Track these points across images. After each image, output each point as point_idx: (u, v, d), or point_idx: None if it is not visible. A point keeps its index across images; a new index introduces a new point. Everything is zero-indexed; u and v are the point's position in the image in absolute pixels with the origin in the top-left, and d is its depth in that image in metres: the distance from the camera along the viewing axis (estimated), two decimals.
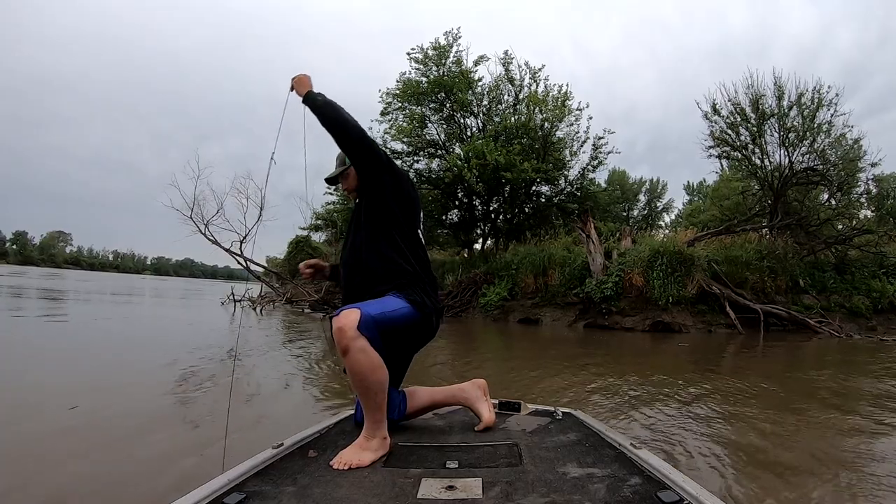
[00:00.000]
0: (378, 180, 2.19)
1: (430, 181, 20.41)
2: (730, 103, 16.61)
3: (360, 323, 1.82)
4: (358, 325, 1.81)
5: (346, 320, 1.82)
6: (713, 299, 13.05)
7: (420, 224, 2.32)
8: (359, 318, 1.83)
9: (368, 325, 1.84)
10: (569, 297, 14.50)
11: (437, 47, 19.47)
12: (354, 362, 1.83)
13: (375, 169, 2.17)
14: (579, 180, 20.16)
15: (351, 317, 1.83)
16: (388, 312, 1.94)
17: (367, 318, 1.84)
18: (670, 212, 42.43)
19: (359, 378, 1.86)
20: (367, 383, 1.86)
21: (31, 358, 6.23)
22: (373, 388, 1.87)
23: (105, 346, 7.71)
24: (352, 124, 2.11)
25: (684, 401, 4.79)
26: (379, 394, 1.89)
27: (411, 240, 2.22)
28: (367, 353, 1.83)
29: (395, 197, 2.19)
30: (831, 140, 15.72)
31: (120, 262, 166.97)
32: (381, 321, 1.89)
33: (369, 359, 1.84)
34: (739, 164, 18.22)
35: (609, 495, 1.43)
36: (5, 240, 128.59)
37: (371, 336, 1.84)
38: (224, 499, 1.41)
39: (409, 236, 2.21)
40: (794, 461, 3.11)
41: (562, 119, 19.27)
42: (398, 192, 2.20)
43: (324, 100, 2.13)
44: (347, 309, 1.87)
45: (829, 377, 6.48)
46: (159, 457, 2.97)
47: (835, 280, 14.43)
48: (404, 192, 2.22)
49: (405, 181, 2.26)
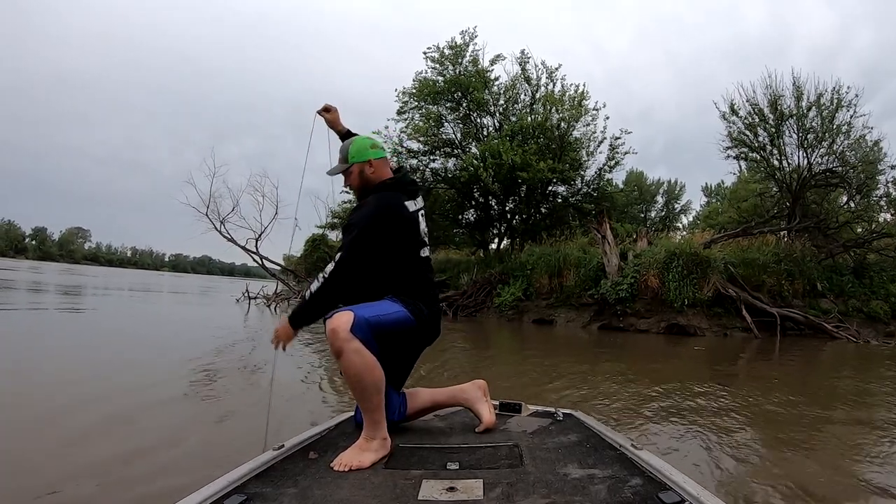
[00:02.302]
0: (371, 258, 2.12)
1: (447, 180, 20.51)
2: (748, 104, 16.46)
3: (354, 325, 1.83)
4: (351, 328, 1.83)
5: (338, 322, 1.84)
6: (729, 302, 13.01)
7: (423, 237, 2.28)
8: (352, 320, 1.84)
9: (362, 327, 1.85)
10: (583, 298, 14.51)
11: (454, 46, 19.50)
12: (349, 364, 1.84)
13: (363, 261, 2.09)
14: (596, 181, 20.08)
15: (344, 318, 1.85)
16: (381, 315, 1.96)
17: (361, 320, 1.86)
18: (688, 213, 42.05)
19: (354, 379, 1.88)
20: (363, 384, 1.87)
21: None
22: (369, 389, 1.88)
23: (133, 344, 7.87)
24: (331, 287, 2.05)
25: (700, 409, 4.78)
26: (375, 395, 1.90)
27: (411, 257, 2.22)
28: (361, 355, 1.84)
29: (380, 246, 2.11)
30: (850, 141, 15.56)
31: (138, 258, 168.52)
32: (374, 324, 1.90)
33: (364, 360, 1.85)
34: (757, 166, 18.08)
35: (610, 496, 1.43)
36: (25, 236, 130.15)
37: (364, 338, 1.85)
38: (225, 501, 1.42)
39: (408, 255, 2.21)
40: (810, 476, 3.08)
41: (578, 119, 19.22)
42: (382, 242, 2.11)
43: (303, 308, 2.10)
44: (340, 311, 1.89)
45: (848, 385, 6.44)
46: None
47: (853, 284, 14.29)
48: (389, 236, 2.13)
49: (387, 227, 2.13)
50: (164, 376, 5.28)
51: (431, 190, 20.61)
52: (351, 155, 2.29)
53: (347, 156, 2.30)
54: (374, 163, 2.28)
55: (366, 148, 2.29)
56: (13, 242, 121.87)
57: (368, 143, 2.33)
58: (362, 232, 2.07)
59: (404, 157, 20.56)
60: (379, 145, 2.36)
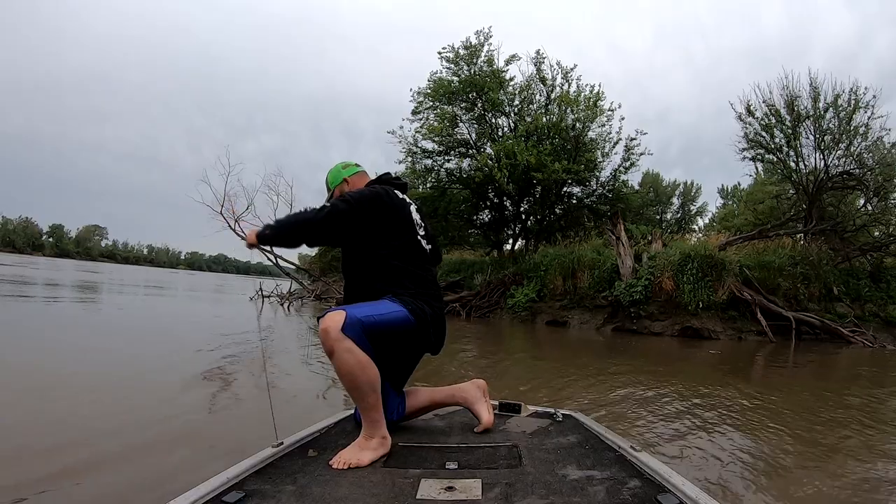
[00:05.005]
0: (354, 235, 2.22)
1: (461, 181, 20.54)
2: (764, 104, 16.40)
3: (345, 325, 1.85)
4: (342, 327, 1.84)
5: (330, 322, 1.86)
6: (744, 305, 12.97)
7: (417, 227, 2.33)
8: (343, 319, 1.86)
9: (353, 326, 1.86)
10: (597, 299, 14.52)
11: (469, 46, 19.49)
12: (342, 363, 1.86)
13: (348, 232, 2.21)
14: (611, 182, 19.99)
15: (335, 318, 1.86)
16: (376, 315, 1.96)
17: (353, 319, 1.87)
18: (703, 215, 41.74)
19: (348, 378, 1.89)
20: (356, 383, 1.89)
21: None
22: (363, 388, 1.89)
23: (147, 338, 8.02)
24: (305, 226, 2.17)
25: (709, 413, 4.76)
26: (371, 393, 1.91)
27: (408, 245, 2.25)
28: (353, 353, 1.85)
29: (375, 230, 2.20)
30: (868, 143, 15.45)
31: (154, 256, 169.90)
32: (367, 324, 1.91)
33: (356, 358, 1.86)
34: (774, 168, 17.95)
35: (608, 498, 1.43)
36: (42, 232, 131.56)
37: (356, 337, 1.86)
38: (223, 497, 1.42)
39: (404, 244, 2.24)
40: (813, 486, 3.06)
41: (593, 119, 19.14)
42: (376, 224, 2.21)
43: (273, 229, 2.19)
44: (333, 311, 1.91)
45: (864, 394, 6.35)
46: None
47: (869, 288, 14.18)
48: (382, 217, 2.22)
49: (378, 205, 2.23)
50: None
51: (446, 190, 20.68)
52: (329, 182, 2.53)
53: (327, 184, 2.54)
54: (349, 179, 2.48)
55: (338, 170, 2.52)
56: (30, 239, 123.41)
57: (340, 165, 2.56)
58: (356, 201, 2.19)
59: (419, 157, 20.68)
60: (351, 164, 2.56)
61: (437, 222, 20.01)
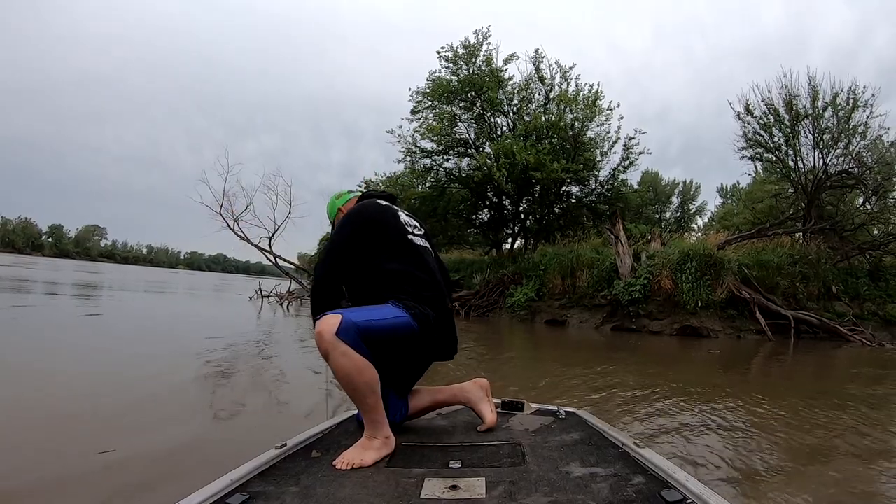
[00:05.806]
0: (350, 260, 2.25)
1: (460, 180, 20.58)
2: (763, 103, 16.43)
3: (339, 328, 1.83)
4: (337, 331, 1.82)
5: (325, 325, 1.85)
6: (743, 304, 12.98)
7: (406, 227, 2.33)
8: (338, 323, 1.84)
9: (348, 330, 1.84)
10: (596, 298, 14.53)
11: (467, 46, 19.53)
12: (338, 366, 1.85)
13: (344, 268, 2.26)
14: (610, 181, 20.04)
15: (330, 322, 1.85)
16: (375, 321, 1.94)
17: (348, 323, 1.86)
18: (703, 214, 41.82)
19: (345, 381, 1.88)
20: (354, 385, 1.88)
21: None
22: (361, 391, 1.88)
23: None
24: (315, 306, 2.26)
25: (710, 411, 4.76)
26: (370, 395, 1.89)
27: (401, 247, 2.25)
28: (349, 356, 1.84)
29: (364, 244, 2.22)
30: (867, 142, 15.53)
31: (154, 256, 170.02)
32: (364, 328, 1.88)
33: (352, 361, 1.84)
34: (773, 167, 17.97)
35: (612, 494, 1.43)
36: (41, 232, 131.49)
37: (351, 341, 1.84)
38: (227, 499, 1.41)
39: (396, 245, 2.24)
40: (815, 482, 3.09)
41: (592, 119, 19.21)
42: (363, 238, 2.23)
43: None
44: (328, 315, 1.90)
45: (863, 393, 6.36)
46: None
47: (868, 287, 14.21)
48: (365, 230, 2.24)
49: (357, 224, 2.26)
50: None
51: (445, 190, 20.68)
52: (329, 214, 2.67)
53: (329, 217, 2.67)
54: (343, 208, 2.57)
55: (333, 202, 2.64)
56: (30, 239, 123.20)
57: (334, 196, 2.68)
58: (337, 240, 2.27)
59: (418, 157, 20.71)
60: (343, 192, 2.68)
61: (437, 222, 20.08)
